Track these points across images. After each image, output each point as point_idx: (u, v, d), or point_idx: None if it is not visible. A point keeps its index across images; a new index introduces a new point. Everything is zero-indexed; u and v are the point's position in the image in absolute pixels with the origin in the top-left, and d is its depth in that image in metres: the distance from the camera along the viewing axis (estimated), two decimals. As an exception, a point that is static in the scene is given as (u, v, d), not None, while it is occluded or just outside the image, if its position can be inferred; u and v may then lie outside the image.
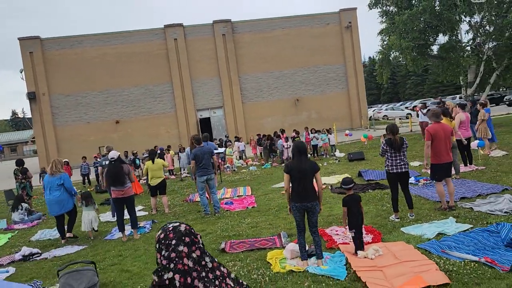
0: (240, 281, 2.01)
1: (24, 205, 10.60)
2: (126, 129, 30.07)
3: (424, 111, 18.00)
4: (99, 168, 10.30)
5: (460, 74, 19.14)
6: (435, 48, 20.18)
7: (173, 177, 16.78)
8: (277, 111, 31.75)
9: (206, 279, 1.82)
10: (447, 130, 7.08)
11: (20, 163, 11.83)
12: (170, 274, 1.83)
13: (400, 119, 36.29)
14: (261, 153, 18.65)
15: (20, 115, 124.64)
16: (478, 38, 18.99)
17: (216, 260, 1.94)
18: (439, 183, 7.06)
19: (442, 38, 20.02)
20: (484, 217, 6.36)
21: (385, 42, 22.26)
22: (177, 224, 1.98)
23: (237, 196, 10.84)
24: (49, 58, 29.08)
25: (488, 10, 18.19)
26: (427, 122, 18.05)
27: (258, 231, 7.20)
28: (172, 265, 1.83)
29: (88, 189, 15.62)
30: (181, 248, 1.85)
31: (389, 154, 6.77)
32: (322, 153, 17.70)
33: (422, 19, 18.81)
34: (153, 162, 9.75)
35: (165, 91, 30.55)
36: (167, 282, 1.83)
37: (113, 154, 7.80)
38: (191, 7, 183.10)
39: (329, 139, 17.50)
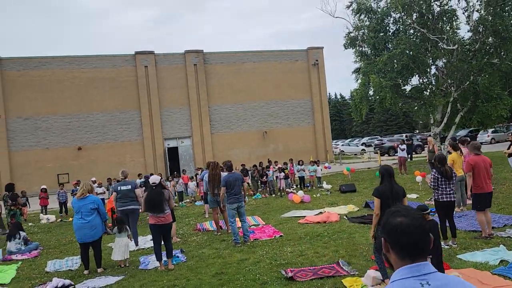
0: None
1: (22, 233, 9.63)
2: (88, 156, 28.61)
3: (402, 147, 18.99)
4: (114, 193, 9.68)
5: (433, 114, 20.50)
6: (407, 88, 21.55)
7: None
8: (245, 142, 31.87)
9: None
10: (486, 162, 7.53)
11: (9, 188, 10.83)
12: None
13: (361, 154, 37.90)
14: (247, 183, 18.51)
15: None
16: (448, 81, 20.53)
17: None
18: (480, 213, 7.40)
19: (414, 80, 21.37)
20: (531, 244, 6.75)
21: (358, 81, 23.47)
22: None
23: (253, 225, 10.62)
24: (9, 79, 27.36)
25: (456, 56, 19.87)
26: (405, 157, 19.07)
27: (307, 259, 7.07)
28: None
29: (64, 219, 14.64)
30: None
31: (441, 184, 7.04)
32: (308, 184, 17.92)
33: (395, 61, 20.11)
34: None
35: (132, 118, 29.68)
36: None
37: (155, 178, 7.43)
38: (163, 37, 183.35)
39: (315, 171, 17.80)
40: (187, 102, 30.74)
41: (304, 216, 11.05)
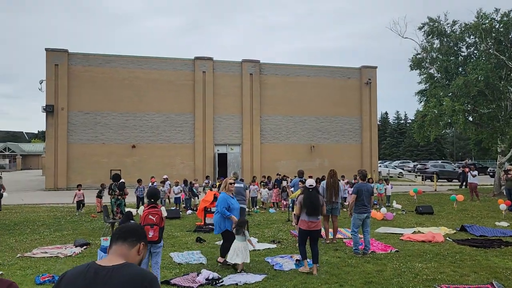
0: None
1: (132, 223, 9.84)
2: (141, 154, 29.12)
3: (474, 172, 18.63)
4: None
5: (504, 142, 20.16)
6: (476, 115, 21.25)
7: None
8: (292, 155, 31.92)
9: None
10: None
11: (116, 178, 11.11)
12: None
13: (398, 176, 37.41)
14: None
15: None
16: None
17: None
18: None
19: (484, 107, 21.06)
20: None
21: (421, 103, 23.36)
22: None
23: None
24: (74, 73, 28.22)
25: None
26: (476, 184, 18.68)
27: (451, 277, 7.00)
28: None
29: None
30: None
31: None
32: (376, 202, 17.78)
33: (470, 86, 19.90)
34: None
35: (186, 122, 30.14)
36: None
37: (312, 182, 7.54)
38: (222, 46, 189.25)
39: (385, 189, 17.67)
40: (239, 110, 31.06)
41: (402, 234, 10.97)
